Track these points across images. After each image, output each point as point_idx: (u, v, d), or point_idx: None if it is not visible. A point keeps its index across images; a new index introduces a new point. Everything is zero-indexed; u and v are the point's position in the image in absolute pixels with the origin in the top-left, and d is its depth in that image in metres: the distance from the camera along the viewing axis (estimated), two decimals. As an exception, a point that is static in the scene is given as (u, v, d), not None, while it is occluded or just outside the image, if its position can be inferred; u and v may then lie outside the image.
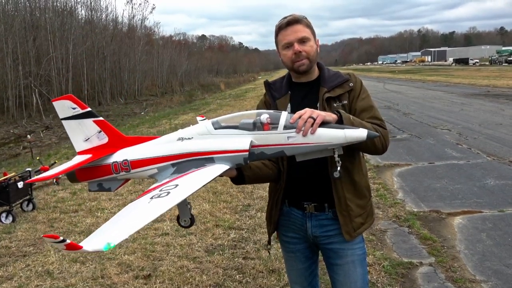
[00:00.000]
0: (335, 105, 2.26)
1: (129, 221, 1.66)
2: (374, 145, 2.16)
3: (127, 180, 2.44)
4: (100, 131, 2.45)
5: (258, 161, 2.21)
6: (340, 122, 2.03)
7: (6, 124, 25.19)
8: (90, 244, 1.47)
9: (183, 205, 2.16)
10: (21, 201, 6.58)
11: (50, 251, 5.02)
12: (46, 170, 8.00)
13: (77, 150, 2.50)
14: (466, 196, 6.54)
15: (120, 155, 2.36)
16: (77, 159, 2.43)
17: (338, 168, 2.02)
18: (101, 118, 2.47)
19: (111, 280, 4.27)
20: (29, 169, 7.33)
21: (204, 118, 3.40)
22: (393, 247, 4.88)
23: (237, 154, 2.04)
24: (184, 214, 2.18)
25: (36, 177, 2.70)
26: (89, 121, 2.45)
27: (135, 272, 4.42)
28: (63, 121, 2.48)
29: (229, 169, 2.09)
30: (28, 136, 17.49)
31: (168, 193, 1.85)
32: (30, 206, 6.74)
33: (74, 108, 2.43)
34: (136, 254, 4.84)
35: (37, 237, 5.57)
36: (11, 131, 22.95)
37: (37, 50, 31.96)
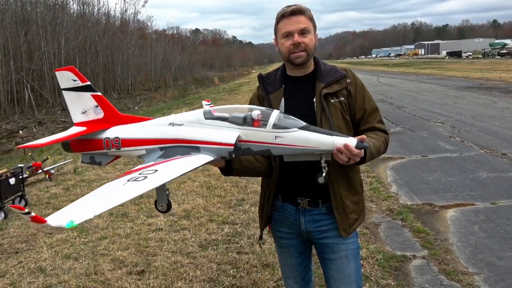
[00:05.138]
0: (332, 101, 2.24)
1: (98, 201, 1.68)
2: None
3: (117, 156, 2.49)
4: (97, 106, 2.52)
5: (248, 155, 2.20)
6: (364, 156, 2.05)
7: (-2, 119, 24.93)
8: (54, 219, 1.50)
9: (161, 191, 2.18)
10: (13, 197, 6.52)
11: (42, 248, 4.99)
12: (38, 166, 7.93)
13: (74, 121, 2.58)
14: (459, 189, 6.58)
15: (112, 132, 2.41)
16: (73, 130, 2.52)
17: (324, 174, 2.01)
18: (99, 93, 2.53)
19: (105, 276, 4.25)
20: (21, 165, 7.27)
21: (210, 103, 3.37)
22: (387, 240, 4.90)
23: (222, 147, 2.04)
24: (161, 199, 2.21)
25: (27, 144, 2.80)
26: (88, 95, 2.51)
27: (129, 268, 4.40)
28: (63, 91, 2.57)
29: (216, 160, 2.08)
30: (20, 131, 17.37)
31: (146, 177, 1.86)
32: (23, 202, 6.69)
33: (75, 80, 2.49)
34: (129, 250, 4.82)
35: (30, 233, 5.53)
36: (3, 126, 22.72)
37: (29, 45, 31.54)
